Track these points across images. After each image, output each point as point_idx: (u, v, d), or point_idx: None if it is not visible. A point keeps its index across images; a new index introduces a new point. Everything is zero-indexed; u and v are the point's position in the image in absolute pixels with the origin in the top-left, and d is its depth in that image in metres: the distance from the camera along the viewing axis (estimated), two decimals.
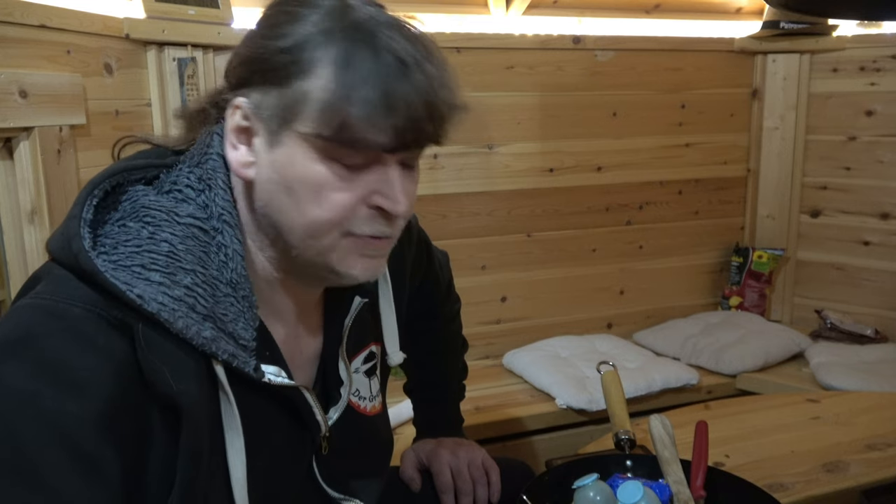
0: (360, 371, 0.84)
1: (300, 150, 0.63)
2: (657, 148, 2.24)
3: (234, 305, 0.66)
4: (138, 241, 0.62)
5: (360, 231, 0.66)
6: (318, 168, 0.63)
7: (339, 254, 0.67)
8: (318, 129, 0.62)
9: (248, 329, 0.66)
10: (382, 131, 0.61)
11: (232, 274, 0.66)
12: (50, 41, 1.27)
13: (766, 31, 2.24)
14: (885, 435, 1.26)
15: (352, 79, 0.61)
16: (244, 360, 0.65)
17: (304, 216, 0.65)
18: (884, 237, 2.19)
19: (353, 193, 0.64)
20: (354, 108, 0.60)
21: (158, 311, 0.59)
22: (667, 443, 0.98)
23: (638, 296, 2.31)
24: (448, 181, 2.03)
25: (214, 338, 0.63)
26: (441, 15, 2.06)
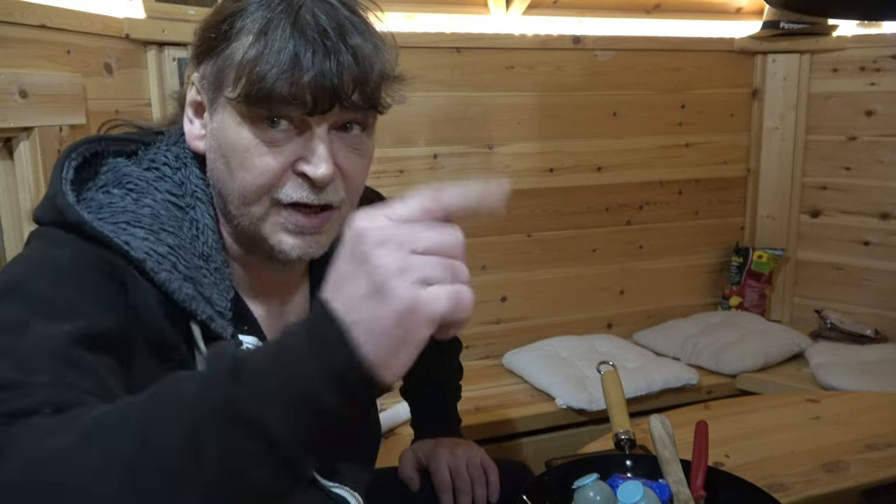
0: None
1: (229, 116, 0.66)
2: (657, 148, 2.24)
3: (207, 277, 0.68)
4: (123, 204, 0.65)
5: (287, 198, 0.67)
6: (244, 133, 0.66)
7: (270, 226, 0.68)
8: (238, 92, 0.64)
9: (223, 299, 0.68)
10: (292, 91, 0.63)
11: (203, 247, 0.68)
12: (50, 41, 1.27)
13: (766, 31, 2.24)
14: (885, 435, 1.26)
15: (267, 42, 0.63)
16: (221, 326, 0.66)
17: (235, 181, 0.67)
18: (884, 237, 2.19)
19: (279, 158, 0.66)
20: (264, 67, 0.62)
21: (145, 259, 0.61)
22: (667, 443, 0.98)
23: (638, 296, 2.31)
24: (448, 181, 2.02)
25: (194, 297, 0.64)
26: (441, 15, 2.06)
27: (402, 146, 1.97)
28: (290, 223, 0.68)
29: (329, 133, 0.67)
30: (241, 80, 0.64)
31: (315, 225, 0.69)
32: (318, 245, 0.71)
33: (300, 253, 0.69)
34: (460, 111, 2.02)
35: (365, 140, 0.71)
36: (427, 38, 1.95)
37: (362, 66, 0.65)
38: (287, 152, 0.66)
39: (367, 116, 0.70)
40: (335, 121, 0.67)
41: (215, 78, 0.67)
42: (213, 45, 0.67)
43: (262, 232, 0.69)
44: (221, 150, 0.68)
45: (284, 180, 0.67)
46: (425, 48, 1.95)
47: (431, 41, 1.96)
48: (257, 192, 0.67)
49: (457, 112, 2.01)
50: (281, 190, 0.67)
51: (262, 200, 0.67)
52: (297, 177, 0.67)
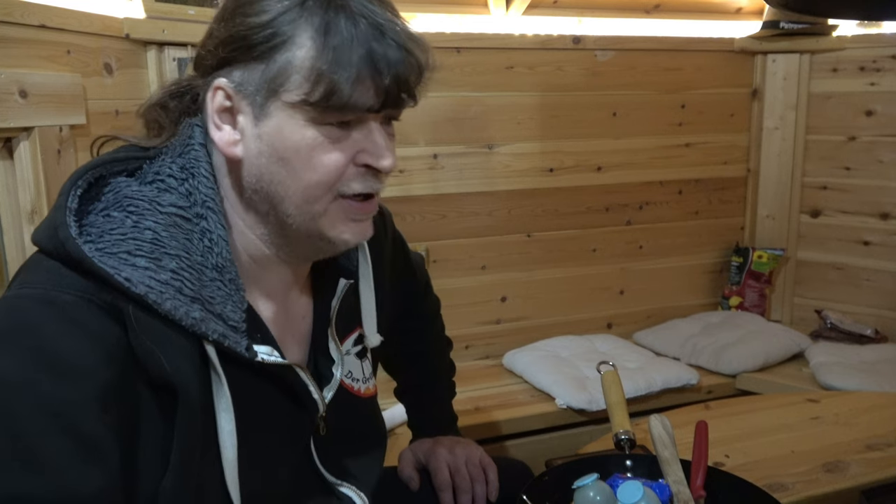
0: (351, 353, 0.85)
1: (289, 119, 0.66)
2: (657, 148, 2.24)
3: (221, 289, 0.67)
4: (123, 230, 0.63)
5: (351, 190, 0.69)
6: (309, 133, 0.66)
7: (329, 219, 0.70)
8: (307, 95, 0.64)
9: (237, 311, 0.68)
10: (370, 91, 0.65)
11: (217, 258, 0.68)
12: (50, 41, 1.27)
13: (766, 31, 2.24)
14: (885, 435, 1.26)
15: (334, 44, 0.63)
16: (235, 340, 0.66)
17: (300, 181, 0.67)
18: (884, 237, 2.19)
19: (344, 154, 0.67)
20: (341, 71, 0.63)
21: (146, 293, 0.61)
22: (667, 443, 0.97)
23: (638, 296, 2.31)
24: (448, 181, 2.03)
25: (203, 318, 0.64)
26: (441, 15, 2.06)
27: (402, 146, 1.97)
28: (352, 213, 0.70)
29: (383, 125, 0.70)
30: (310, 86, 0.64)
31: (370, 211, 0.72)
32: (371, 229, 0.74)
33: (360, 239, 0.73)
34: (460, 111, 2.02)
35: (394, 131, 0.74)
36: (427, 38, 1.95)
37: (422, 63, 0.68)
38: (350, 147, 0.68)
39: None
40: (385, 116, 0.70)
41: (267, 83, 0.66)
42: (257, 49, 0.65)
43: (321, 227, 0.70)
44: (278, 153, 0.67)
45: (348, 174, 0.68)
46: None
47: (431, 41, 1.94)
48: (324, 188, 0.68)
49: (457, 112, 2.01)
50: (346, 183, 0.69)
51: (326, 196, 0.68)
52: (359, 168, 0.69)
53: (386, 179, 0.72)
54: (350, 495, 0.82)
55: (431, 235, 2.02)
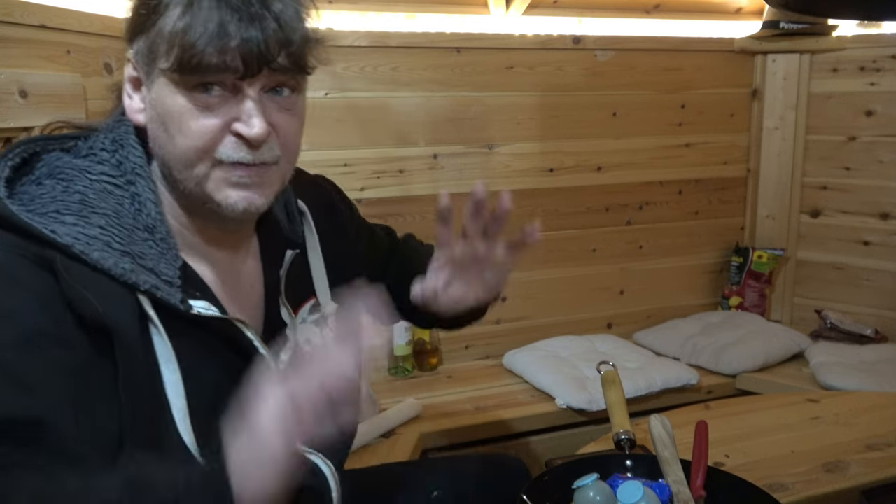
0: (307, 321, 0.87)
1: (166, 87, 0.70)
2: (657, 148, 2.24)
3: (153, 248, 0.71)
4: (53, 194, 0.68)
5: (227, 157, 0.71)
6: (180, 100, 0.69)
7: (214, 183, 0.72)
8: (171, 62, 0.68)
9: (171, 268, 0.71)
10: (221, 58, 0.67)
11: (147, 219, 0.72)
12: (50, 41, 1.27)
13: (766, 31, 2.24)
14: (885, 435, 1.26)
15: (194, 13, 0.67)
16: (168, 293, 0.69)
17: (176, 146, 0.71)
18: (884, 237, 2.19)
19: (215, 121, 0.70)
20: (193, 37, 0.66)
21: (73, 243, 0.64)
22: (667, 443, 0.97)
23: (638, 296, 2.31)
24: (448, 181, 2.03)
25: (134, 269, 0.67)
26: (441, 15, 2.06)
27: (402, 146, 1.97)
28: (231, 177, 0.72)
29: (260, 95, 0.70)
30: (172, 51, 0.67)
31: (254, 178, 0.72)
32: (262, 197, 0.74)
33: (246, 205, 0.73)
34: (460, 111, 2.01)
35: (297, 101, 0.75)
36: (427, 38, 1.95)
37: (286, 29, 0.69)
38: (222, 114, 0.70)
39: (296, 79, 0.73)
40: (265, 83, 0.71)
41: (148, 51, 0.70)
42: (143, 20, 0.70)
43: (207, 191, 0.72)
44: (161, 118, 0.71)
45: (222, 140, 0.70)
46: (425, 48, 1.95)
47: (431, 41, 1.96)
48: (197, 153, 0.70)
49: (457, 112, 2.01)
50: (220, 150, 0.71)
51: (204, 161, 0.71)
52: (234, 137, 0.70)
53: (269, 149, 0.72)
54: (318, 462, 0.82)
55: (431, 235, 2.00)
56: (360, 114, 1.92)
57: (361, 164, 1.94)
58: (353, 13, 1.98)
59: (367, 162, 1.95)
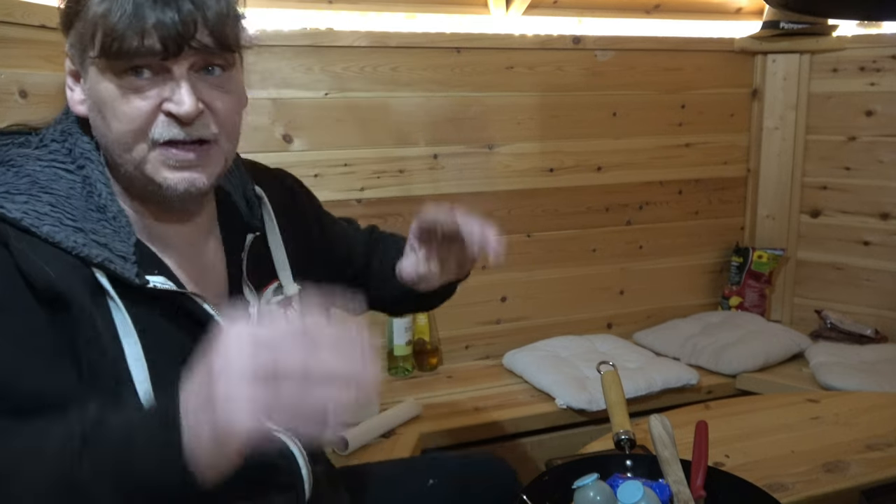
0: (272, 302, 0.89)
1: (97, 74, 0.72)
2: (657, 148, 2.24)
3: (106, 227, 0.73)
4: (3, 179, 0.71)
5: (160, 136, 0.72)
6: (111, 86, 0.71)
7: (152, 165, 0.73)
8: (97, 49, 0.70)
9: (125, 244, 0.73)
10: (140, 41, 0.68)
11: (98, 199, 0.74)
12: (50, 41, 1.27)
13: (766, 31, 2.24)
14: (885, 435, 1.26)
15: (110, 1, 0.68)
16: (122, 266, 0.71)
17: (112, 132, 0.73)
18: (884, 237, 2.19)
19: (146, 103, 0.71)
20: (112, 20, 0.68)
21: (22, 217, 0.67)
22: (667, 443, 0.98)
23: (638, 296, 2.31)
24: (448, 181, 2.03)
25: (87, 243, 0.69)
26: (441, 15, 2.06)
27: (402, 146, 1.97)
28: (168, 159, 0.73)
29: (189, 74, 0.72)
30: (96, 38, 0.69)
31: (191, 157, 0.74)
32: (202, 176, 0.75)
33: (186, 186, 0.74)
34: (460, 111, 2.01)
35: (229, 79, 0.76)
36: (427, 38, 1.95)
37: (201, 8, 0.70)
38: (152, 96, 0.71)
39: (224, 57, 0.74)
40: (192, 63, 0.72)
41: (79, 42, 0.72)
42: (72, 11, 0.72)
43: (147, 173, 0.74)
44: (97, 106, 0.73)
45: (155, 121, 0.72)
46: (425, 48, 1.95)
47: (431, 41, 1.96)
48: (132, 136, 0.72)
49: (457, 112, 2.01)
50: (153, 130, 0.72)
51: (139, 144, 0.72)
52: (166, 117, 0.72)
53: (203, 126, 0.74)
54: (287, 442, 0.83)
55: None
56: (360, 114, 1.92)
57: (361, 164, 1.94)
58: (353, 13, 1.98)
59: (367, 162, 1.95)
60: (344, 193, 1.93)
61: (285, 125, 1.86)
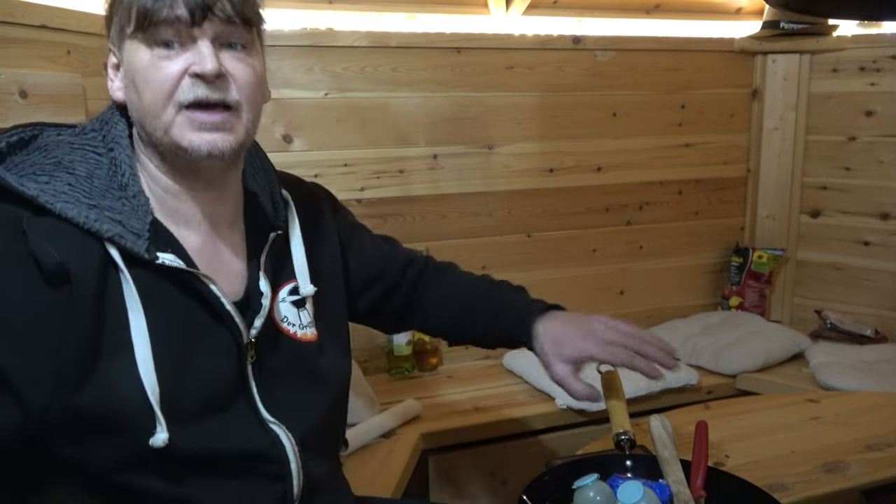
0: (286, 300, 0.92)
1: (132, 50, 0.78)
2: (657, 148, 2.24)
3: (126, 205, 0.78)
4: (33, 160, 0.77)
5: (185, 98, 0.77)
6: (144, 56, 0.77)
7: (178, 129, 0.78)
8: (132, 25, 0.77)
9: (141, 222, 0.77)
10: (170, 10, 0.75)
11: (122, 178, 0.79)
12: (50, 41, 1.27)
13: (766, 31, 2.24)
14: (885, 435, 1.26)
15: None
16: (133, 242, 0.75)
17: (144, 100, 0.78)
18: (884, 237, 2.19)
19: (174, 68, 0.77)
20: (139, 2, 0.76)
21: (38, 194, 0.72)
22: (667, 443, 0.98)
23: (638, 296, 2.31)
24: (448, 181, 2.03)
25: (99, 219, 0.74)
26: (441, 15, 2.06)
27: (402, 146, 1.97)
28: (194, 121, 0.78)
29: (214, 44, 0.78)
30: (132, 15, 0.76)
31: (216, 120, 0.78)
32: (225, 141, 0.79)
33: (209, 147, 0.78)
34: (460, 111, 2.02)
35: (250, 55, 0.82)
36: (427, 38, 1.95)
37: None
38: (180, 61, 0.77)
39: (243, 32, 0.80)
40: (216, 34, 0.78)
41: (120, 30, 0.79)
42: (113, 5, 0.80)
43: (174, 138, 0.78)
44: (132, 80, 0.79)
45: (182, 84, 0.77)
46: (425, 48, 1.95)
47: (431, 41, 1.96)
48: (162, 100, 0.77)
49: (457, 112, 2.01)
50: (179, 93, 0.77)
51: (168, 108, 0.77)
52: (192, 78, 0.77)
53: (227, 90, 0.79)
54: (280, 434, 0.85)
55: (431, 235, 2.02)
56: (360, 114, 1.92)
57: (361, 164, 1.94)
58: (353, 13, 1.98)
59: (367, 162, 1.95)
60: (344, 193, 1.93)
61: (285, 125, 1.86)
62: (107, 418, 0.73)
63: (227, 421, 0.81)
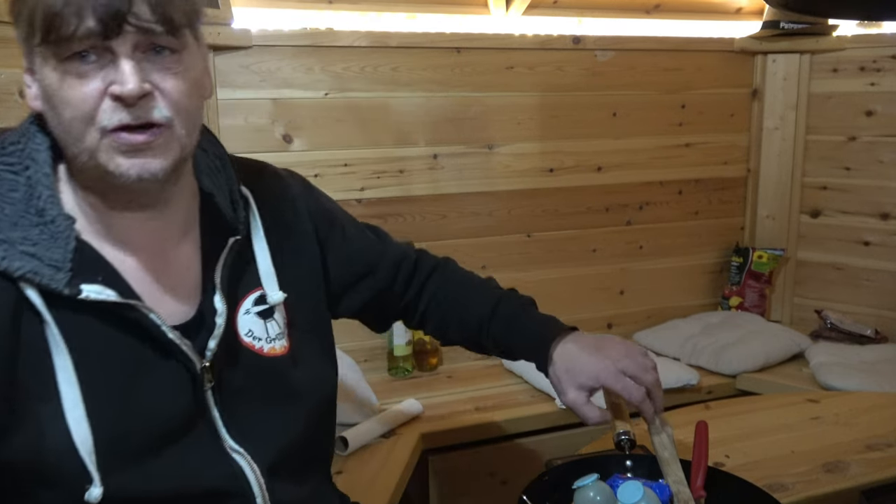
0: (251, 312, 0.84)
1: (44, 64, 0.69)
2: (657, 148, 2.24)
3: (43, 232, 0.70)
4: None
5: (108, 122, 0.68)
6: (54, 74, 0.68)
7: (104, 153, 0.69)
8: (38, 36, 0.67)
9: (61, 251, 0.70)
10: (78, 22, 0.65)
11: (38, 202, 0.71)
12: None
13: (766, 31, 2.24)
14: (885, 435, 1.26)
15: None
16: (50, 277, 0.68)
17: (62, 120, 0.70)
18: (884, 237, 2.19)
19: (91, 86, 0.67)
20: (48, 6, 0.65)
21: None
22: (666, 443, 0.98)
23: (638, 296, 2.31)
24: (448, 181, 2.03)
25: (7, 255, 0.67)
26: (441, 15, 2.06)
27: (402, 146, 1.97)
28: (120, 145, 0.69)
29: (136, 55, 0.68)
30: (36, 24, 0.66)
31: (142, 140, 0.70)
32: (156, 162, 0.71)
33: (138, 171, 0.70)
34: (460, 111, 2.01)
35: (180, 61, 0.71)
36: (427, 38, 1.95)
37: None
38: (98, 79, 0.68)
39: (171, 37, 0.70)
40: (136, 43, 0.68)
41: (26, 35, 0.69)
42: (14, 10, 0.70)
43: (101, 162, 0.70)
44: (47, 97, 0.70)
45: (102, 106, 0.68)
46: (425, 48, 1.95)
47: (431, 41, 1.95)
48: (81, 122, 0.68)
49: (457, 112, 2.01)
50: (100, 117, 0.68)
51: (90, 131, 0.69)
52: (113, 101, 0.68)
53: (153, 108, 0.70)
54: (243, 465, 0.79)
55: (431, 235, 2.02)
56: (360, 114, 1.92)
57: (361, 164, 1.94)
58: (353, 13, 1.98)
59: (367, 162, 1.95)
60: (344, 193, 1.93)
61: (285, 125, 1.86)
62: (40, 471, 0.69)
63: (183, 457, 0.76)
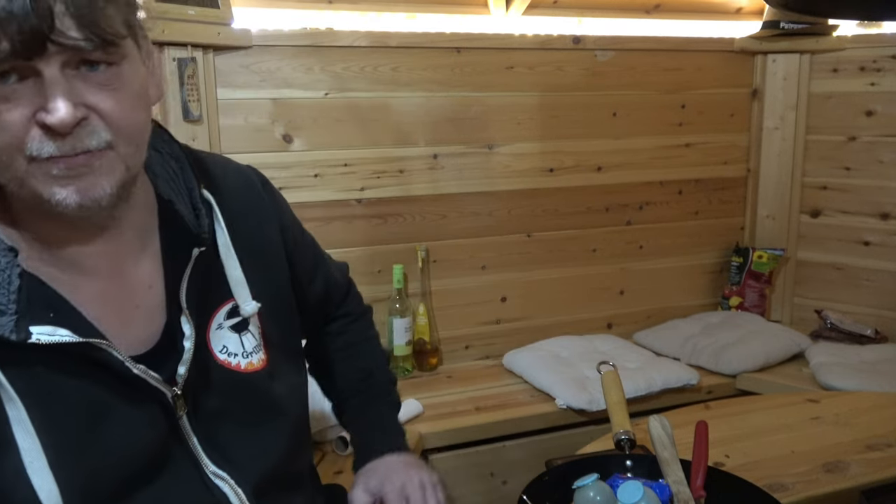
0: (224, 327, 0.79)
1: None
2: (657, 148, 2.24)
3: None
4: None
5: (37, 153, 0.61)
6: None
7: (37, 181, 0.62)
8: None
9: (2, 291, 0.63)
10: None
11: None
12: None
13: (766, 31, 2.24)
14: (885, 435, 1.26)
15: None
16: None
17: None
18: (884, 237, 2.19)
19: (16, 112, 0.60)
20: None
21: None
22: (666, 443, 0.98)
23: (638, 296, 2.31)
24: (448, 181, 2.03)
25: None
26: (441, 15, 2.06)
27: (402, 146, 1.97)
28: (52, 171, 0.62)
29: (66, 74, 0.60)
30: None
31: (79, 163, 0.62)
32: (98, 187, 0.64)
33: (79, 198, 0.63)
34: (460, 111, 2.02)
35: (118, 75, 0.63)
36: (427, 38, 1.95)
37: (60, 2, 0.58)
38: (24, 104, 0.60)
39: (104, 51, 0.61)
40: (65, 61, 0.60)
41: None
42: None
43: (35, 189, 0.62)
44: None
45: (31, 134, 0.60)
46: (425, 48, 1.95)
47: (431, 41, 1.96)
48: (6, 153, 0.61)
49: (457, 112, 2.01)
50: (29, 146, 0.60)
51: (17, 160, 0.61)
52: (42, 129, 0.60)
53: (90, 134, 0.62)
54: (225, 491, 0.76)
55: (431, 235, 2.02)
56: (360, 114, 1.92)
57: (361, 164, 1.94)
58: (353, 13, 1.98)
59: (367, 162, 1.95)
60: (344, 193, 1.93)
61: (285, 125, 1.86)
62: None
63: (161, 495, 0.72)
